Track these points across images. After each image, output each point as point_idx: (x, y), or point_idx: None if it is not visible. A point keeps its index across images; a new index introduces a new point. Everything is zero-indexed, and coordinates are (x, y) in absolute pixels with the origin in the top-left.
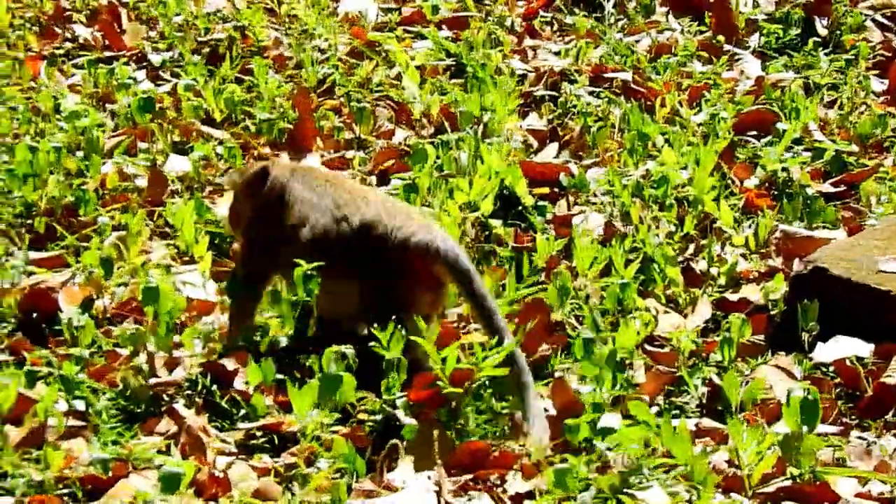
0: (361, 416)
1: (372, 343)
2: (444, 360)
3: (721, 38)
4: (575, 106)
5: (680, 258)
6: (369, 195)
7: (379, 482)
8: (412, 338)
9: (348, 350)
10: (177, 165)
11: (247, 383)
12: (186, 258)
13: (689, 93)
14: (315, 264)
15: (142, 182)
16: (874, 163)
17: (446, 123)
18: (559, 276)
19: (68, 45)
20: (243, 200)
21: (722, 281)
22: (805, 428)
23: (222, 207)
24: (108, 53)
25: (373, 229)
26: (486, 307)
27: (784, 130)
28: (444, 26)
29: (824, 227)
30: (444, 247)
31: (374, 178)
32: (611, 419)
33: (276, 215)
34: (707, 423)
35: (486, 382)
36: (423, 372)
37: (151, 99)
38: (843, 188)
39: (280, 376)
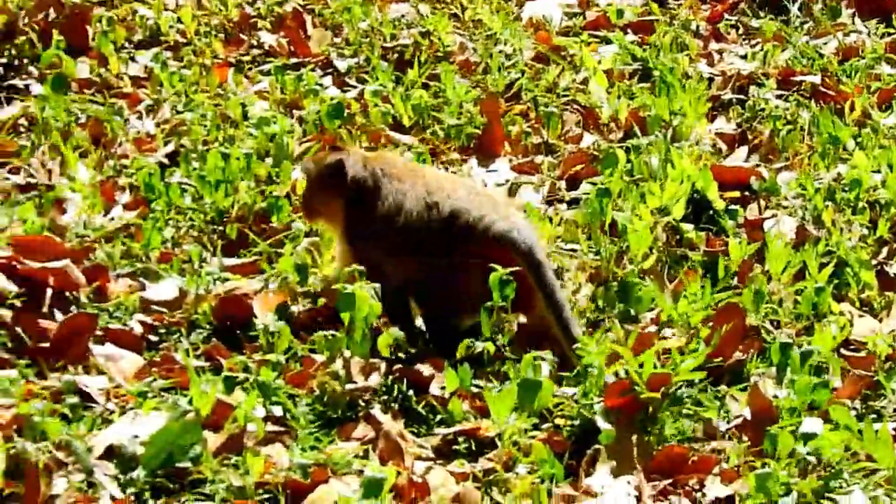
0: (558, 421)
1: (576, 346)
2: (641, 366)
3: None
4: (763, 109)
5: (874, 261)
6: (457, 183)
7: (578, 487)
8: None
9: (546, 355)
10: None
11: (443, 388)
12: None
13: (878, 96)
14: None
15: None
16: None
17: (636, 127)
18: (754, 281)
19: (255, 51)
20: (318, 191)
21: None
22: None
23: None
24: (293, 60)
25: (459, 217)
26: (556, 299)
27: None
28: (628, 30)
29: None
30: (520, 237)
31: (563, 183)
32: (813, 424)
33: (368, 207)
34: None
35: (683, 387)
36: None
37: (340, 105)
38: None
39: (477, 382)
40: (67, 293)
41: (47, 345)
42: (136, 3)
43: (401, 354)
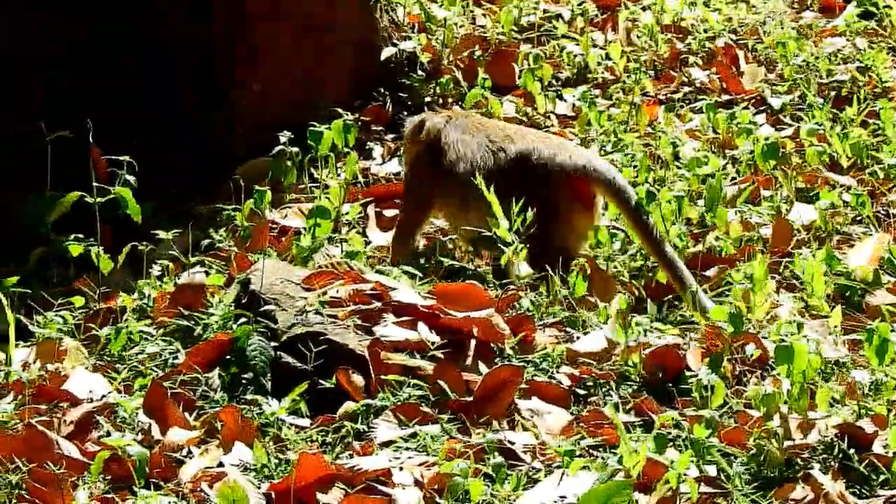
0: None
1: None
2: None
3: None
4: None
5: None
6: (522, 130)
7: None
8: None
9: None
10: (803, 214)
11: (886, 447)
12: (815, 312)
13: None
14: None
15: (766, 231)
16: None
17: None
18: None
19: (685, 88)
20: (408, 150)
21: None
22: None
23: None
24: (725, 97)
25: (530, 157)
26: (644, 221)
27: None
28: None
29: None
30: (602, 167)
31: None
32: None
33: (432, 159)
34: None
35: None
36: None
37: (776, 145)
38: None
39: None
40: (491, 344)
41: (470, 399)
42: (563, 39)
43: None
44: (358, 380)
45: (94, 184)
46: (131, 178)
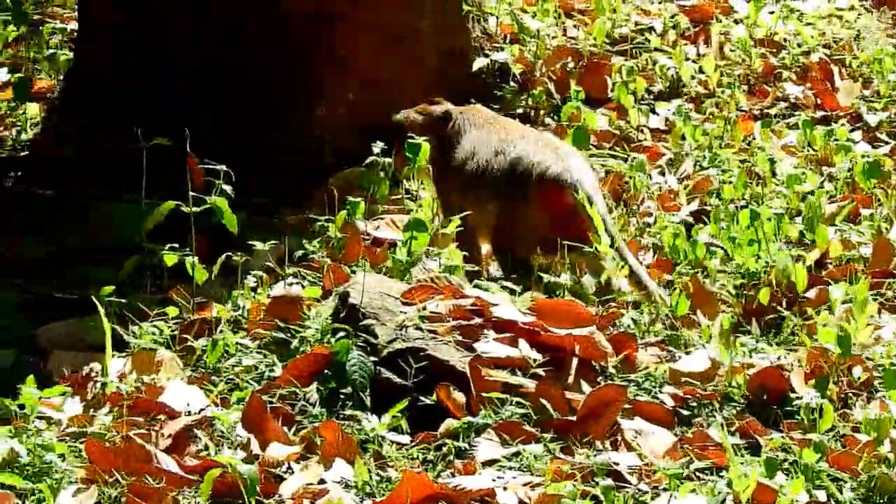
0: None
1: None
2: None
3: None
4: None
5: None
6: (527, 133)
7: None
8: None
9: None
10: None
11: None
12: None
13: None
14: None
15: (866, 251)
16: None
17: None
18: None
19: (780, 104)
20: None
21: None
22: None
23: None
24: (820, 113)
25: (519, 163)
26: (607, 229)
27: None
28: None
29: None
30: (572, 177)
31: None
32: None
33: (450, 151)
34: None
35: None
36: None
37: (877, 162)
38: None
39: None
40: (593, 363)
41: (573, 418)
42: (656, 52)
43: None
44: (459, 397)
45: (190, 193)
46: (228, 188)
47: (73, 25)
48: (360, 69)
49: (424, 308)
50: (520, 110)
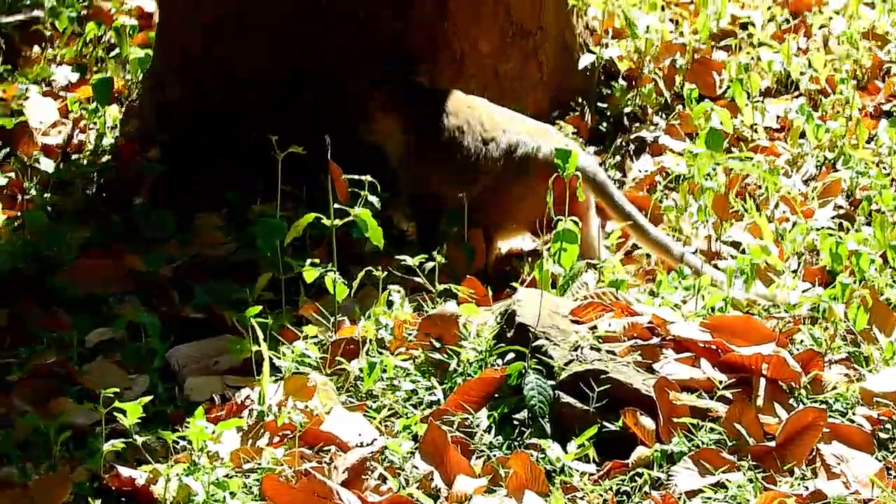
0: None
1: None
2: None
3: None
4: None
5: None
6: (515, 117)
7: None
8: None
9: None
10: None
11: None
12: None
13: None
14: None
15: None
16: None
17: None
18: None
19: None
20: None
21: None
22: None
23: None
24: None
25: (517, 149)
26: (627, 211)
27: None
28: None
29: None
30: (584, 163)
31: None
32: None
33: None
34: None
35: None
36: None
37: None
38: None
39: None
40: (781, 383)
41: (772, 444)
42: (763, 47)
43: None
44: (647, 422)
45: (334, 205)
46: (375, 200)
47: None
48: (478, 67)
49: (596, 327)
50: (627, 109)
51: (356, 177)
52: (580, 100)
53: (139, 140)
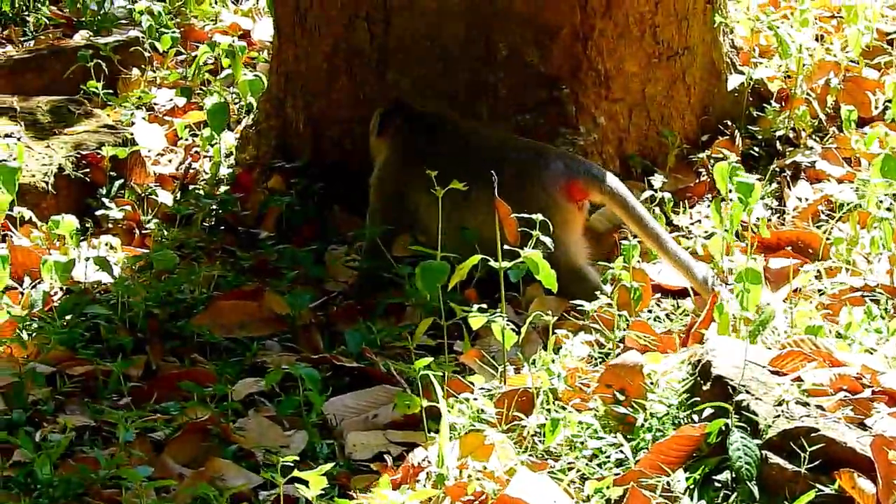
0: None
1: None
2: None
3: None
4: None
5: None
6: (500, 135)
7: None
8: None
9: None
10: None
11: None
12: None
13: None
14: None
15: None
16: None
17: None
18: None
19: None
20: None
21: None
22: None
23: None
24: None
25: (518, 166)
26: (642, 217)
27: None
28: None
29: None
30: (600, 173)
31: None
32: None
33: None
34: None
35: None
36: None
37: None
38: None
39: None
40: None
41: None
42: None
43: None
44: (866, 485)
45: (501, 245)
46: (548, 240)
47: (234, 41)
48: (625, 89)
49: (800, 379)
50: (779, 132)
51: (525, 215)
52: (729, 123)
53: (257, 168)
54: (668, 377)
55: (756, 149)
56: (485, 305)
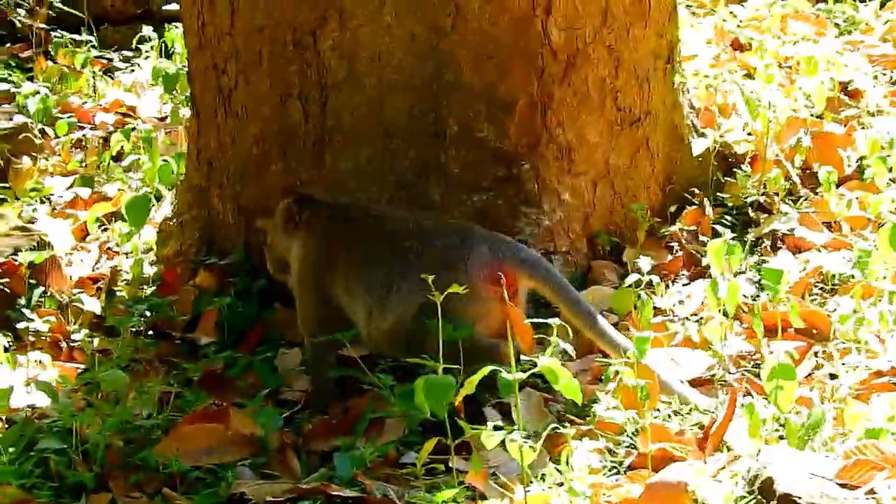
0: None
1: None
2: None
3: None
4: None
5: None
6: (420, 219)
7: None
8: None
9: None
10: None
11: None
12: None
13: None
14: None
15: None
16: None
17: None
18: None
19: None
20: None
21: None
22: None
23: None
24: None
25: (441, 252)
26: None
27: None
28: None
29: None
30: (529, 257)
31: None
32: None
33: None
34: None
35: None
36: None
37: None
38: None
39: None
40: None
41: None
42: (868, 116)
43: None
44: None
45: (514, 355)
46: (569, 347)
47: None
48: (587, 161)
49: (874, 491)
50: (750, 199)
51: (538, 320)
52: (696, 191)
53: (181, 265)
54: (715, 493)
55: (727, 217)
56: (500, 423)
